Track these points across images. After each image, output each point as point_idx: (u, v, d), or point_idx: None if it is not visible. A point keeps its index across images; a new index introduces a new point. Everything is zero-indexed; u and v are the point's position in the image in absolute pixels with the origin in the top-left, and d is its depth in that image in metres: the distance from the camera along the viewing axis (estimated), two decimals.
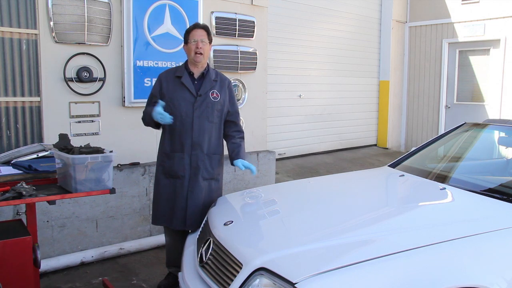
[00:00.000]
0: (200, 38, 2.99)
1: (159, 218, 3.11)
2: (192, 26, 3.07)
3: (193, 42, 2.98)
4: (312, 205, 2.83)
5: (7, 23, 3.48)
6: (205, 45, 3.01)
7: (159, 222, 3.13)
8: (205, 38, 3.01)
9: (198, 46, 2.97)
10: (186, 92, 3.01)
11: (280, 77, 6.54)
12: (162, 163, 3.08)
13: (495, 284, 1.96)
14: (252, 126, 5.17)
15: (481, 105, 7.79)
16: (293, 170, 6.32)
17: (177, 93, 3.01)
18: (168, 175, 3.05)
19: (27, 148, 3.12)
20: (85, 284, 3.44)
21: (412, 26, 8.47)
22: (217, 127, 3.09)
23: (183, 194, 3.02)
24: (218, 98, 3.06)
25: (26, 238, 2.45)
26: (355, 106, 7.97)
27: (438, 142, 3.66)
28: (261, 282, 1.96)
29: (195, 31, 3.01)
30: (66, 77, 3.77)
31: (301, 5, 6.79)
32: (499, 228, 2.23)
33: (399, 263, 1.92)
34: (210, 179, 3.08)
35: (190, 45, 3.00)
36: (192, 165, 3.01)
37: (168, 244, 3.26)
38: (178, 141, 3.01)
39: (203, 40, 3.00)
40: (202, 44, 2.99)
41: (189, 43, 3.01)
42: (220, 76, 3.15)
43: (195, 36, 2.99)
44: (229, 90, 3.17)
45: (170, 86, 3.03)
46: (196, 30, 3.01)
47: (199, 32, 3.00)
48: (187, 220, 3.03)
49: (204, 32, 3.02)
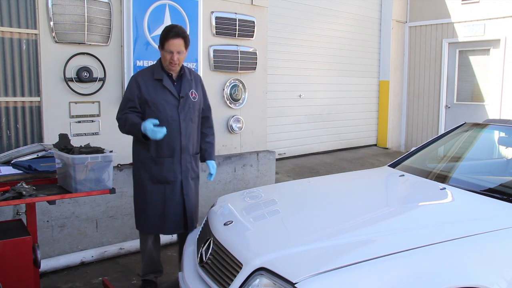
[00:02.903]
0: (176, 49, 2.82)
1: (149, 226, 3.02)
2: (171, 33, 2.82)
3: (169, 52, 2.82)
4: (312, 205, 2.83)
5: (7, 23, 3.48)
6: (182, 55, 2.86)
7: (150, 230, 3.05)
8: (182, 49, 2.85)
9: (173, 58, 2.83)
10: (168, 95, 2.91)
11: (280, 77, 6.54)
12: (148, 169, 2.95)
13: (495, 284, 1.96)
14: (252, 126, 5.17)
15: (481, 105, 7.79)
16: (293, 170, 6.32)
17: (160, 97, 2.89)
18: (155, 180, 2.95)
19: (27, 148, 3.12)
20: (85, 284, 3.44)
21: (412, 26, 8.47)
22: (198, 126, 3.10)
23: (175, 199, 2.98)
24: (197, 97, 3.04)
25: (26, 238, 2.45)
26: (355, 106, 7.97)
27: (438, 142, 3.66)
28: (261, 282, 1.96)
29: (172, 41, 2.81)
30: (66, 77, 3.77)
31: (301, 5, 6.79)
32: (499, 228, 2.23)
33: (399, 263, 1.92)
34: (195, 178, 3.12)
35: (166, 54, 2.84)
36: (183, 168, 2.99)
37: (148, 251, 3.13)
38: (167, 146, 2.92)
39: (180, 51, 2.84)
40: (179, 55, 2.84)
41: (165, 51, 2.84)
42: (193, 74, 3.10)
43: (172, 46, 2.81)
44: (202, 85, 3.16)
45: (151, 89, 2.89)
46: (173, 40, 2.81)
47: (176, 43, 2.81)
48: (188, 224, 3.05)
49: (181, 42, 2.83)
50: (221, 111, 4.87)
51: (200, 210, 4.56)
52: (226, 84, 4.86)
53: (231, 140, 5.01)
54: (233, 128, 4.95)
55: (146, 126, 2.75)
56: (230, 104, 4.92)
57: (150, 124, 2.75)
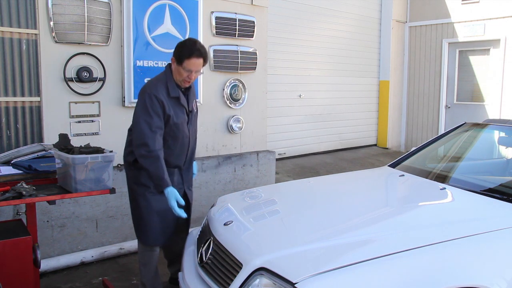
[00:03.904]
0: (196, 69, 2.70)
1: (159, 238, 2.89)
2: (195, 52, 2.67)
3: (187, 71, 2.69)
4: (312, 205, 2.83)
5: (7, 23, 3.48)
6: (198, 73, 2.77)
7: (161, 241, 2.93)
8: (201, 68, 2.74)
9: (190, 77, 2.73)
10: (184, 112, 2.82)
11: (280, 77, 6.54)
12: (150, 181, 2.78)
13: (495, 284, 1.96)
14: (252, 126, 5.17)
15: (481, 105, 7.79)
16: (293, 170, 6.32)
17: (179, 116, 2.78)
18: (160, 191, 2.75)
19: (27, 148, 3.12)
20: (85, 284, 3.44)
21: (412, 26, 8.47)
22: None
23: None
24: (196, 106, 2.98)
25: (26, 238, 2.45)
26: (355, 106, 7.97)
27: (438, 142, 3.66)
28: (261, 282, 1.96)
29: (194, 60, 2.66)
30: (66, 77, 3.77)
31: (301, 5, 6.79)
32: (499, 228, 2.23)
33: (399, 263, 1.92)
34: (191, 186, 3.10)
35: (182, 72, 2.69)
36: (184, 179, 2.98)
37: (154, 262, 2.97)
38: (174, 159, 2.85)
39: (198, 70, 2.74)
40: (196, 74, 2.74)
41: (183, 68, 2.68)
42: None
43: (192, 66, 2.67)
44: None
45: (171, 108, 2.74)
46: (195, 60, 2.67)
47: (198, 62, 2.68)
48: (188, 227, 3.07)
49: (201, 62, 2.71)
50: (221, 111, 4.87)
51: (200, 210, 4.58)
52: (226, 84, 4.86)
53: (231, 140, 5.01)
54: (233, 128, 4.95)
55: (170, 198, 2.60)
56: (230, 104, 4.91)
57: (175, 201, 2.60)
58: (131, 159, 2.83)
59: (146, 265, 2.97)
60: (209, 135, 4.80)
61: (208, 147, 4.81)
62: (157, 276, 3.01)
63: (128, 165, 2.89)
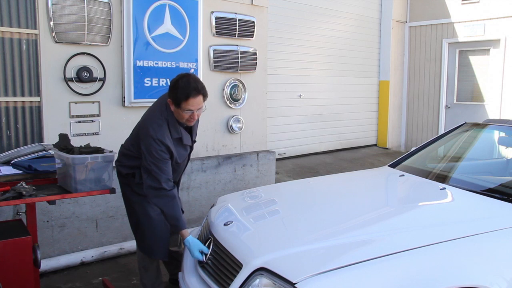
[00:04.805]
0: (197, 107, 2.54)
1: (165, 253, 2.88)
2: (191, 92, 2.49)
3: (188, 111, 2.54)
4: (312, 205, 2.83)
5: (7, 23, 3.48)
6: (201, 109, 2.60)
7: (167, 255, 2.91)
8: (202, 104, 2.57)
9: (193, 117, 2.59)
10: (186, 149, 2.83)
11: (280, 77, 6.53)
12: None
13: (495, 284, 1.96)
14: (252, 126, 5.17)
15: (481, 105, 7.79)
16: (293, 170, 6.32)
17: (181, 154, 2.77)
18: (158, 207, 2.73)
19: (27, 148, 3.12)
20: (85, 284, 3.44)
21: (412, 26, 8.47)
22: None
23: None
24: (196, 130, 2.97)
25: (26, 238, 2.45)
26: (355, 106, 7.97)
27: (438, 142, 3.66)
28: (261, 282, 1.96)
29: (191, 101, 2.49)
30: (66, 77, 3.77)
31: (301, 5, 6.79)
32: (499, 228, 2.23)
33: (399, 263, 1.92)
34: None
35: (183, 113, 2.55)
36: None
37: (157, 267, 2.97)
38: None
39: (200, 107, 2.57)
40: (198, 111, 2.58)
41: (183, 110, 2.53)
42: None
43: (191, 106, 2.51)
44: None
45: (175, 147, 2.68)
46: (193, 100, 2.49)
47: (197, 101, 2.52)
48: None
49: (201, 99, 2.54)
50: (221, 111, 4.88)
51: (200, 210, 4.58)
52: (226, 84, 4.86)
53: (231, 140, 5.01)
54: (233, 128, 4.95)
55: (193, 251, 2.49)
56: (230, 104, 4.91)
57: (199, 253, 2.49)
58: (124, 172, 2.83)
59: (147, 270, 2.95)
60: (209, 135, 4.80)
61: (208, 147, 4.81)
62: (158, 277, 3.01)
63: (120, 175, 2.89)
